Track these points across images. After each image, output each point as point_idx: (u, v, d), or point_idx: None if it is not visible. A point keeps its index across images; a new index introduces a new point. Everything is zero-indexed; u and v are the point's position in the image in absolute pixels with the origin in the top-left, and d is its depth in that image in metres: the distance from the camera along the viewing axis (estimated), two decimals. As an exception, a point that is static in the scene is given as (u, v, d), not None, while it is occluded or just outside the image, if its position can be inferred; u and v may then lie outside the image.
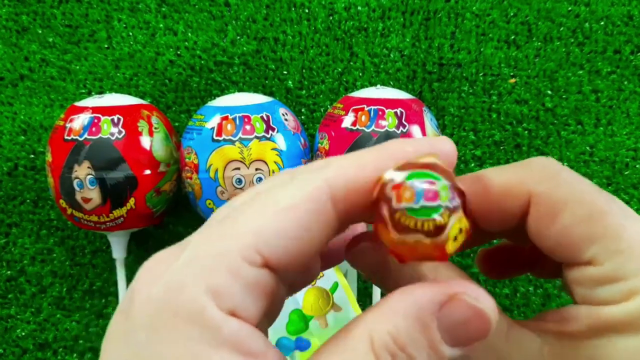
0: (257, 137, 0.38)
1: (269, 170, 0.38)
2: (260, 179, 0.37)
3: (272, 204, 0.16)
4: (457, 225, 0.15)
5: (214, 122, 0.38)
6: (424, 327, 0.16)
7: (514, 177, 0.18)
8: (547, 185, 0.18)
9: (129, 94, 0.44)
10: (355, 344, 0.16)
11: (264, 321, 0.17)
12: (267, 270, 0.16)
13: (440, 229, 0.15)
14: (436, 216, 0.15)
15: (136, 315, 0.15)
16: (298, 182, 0.17)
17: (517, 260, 0.23)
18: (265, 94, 0.43)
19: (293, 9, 0.47)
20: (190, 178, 0.39)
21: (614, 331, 0.17)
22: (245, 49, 0.46)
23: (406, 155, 0.17)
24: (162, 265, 0.16)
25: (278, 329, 0.38)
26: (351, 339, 0.16)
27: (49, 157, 0.39)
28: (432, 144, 0.18)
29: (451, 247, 0.15)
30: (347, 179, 0.17)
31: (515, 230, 0.19)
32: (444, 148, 0.17)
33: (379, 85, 0.43)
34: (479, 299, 0.16)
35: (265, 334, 0.17)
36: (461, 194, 0.15)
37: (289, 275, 0.17)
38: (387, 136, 0.37)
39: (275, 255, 0.16)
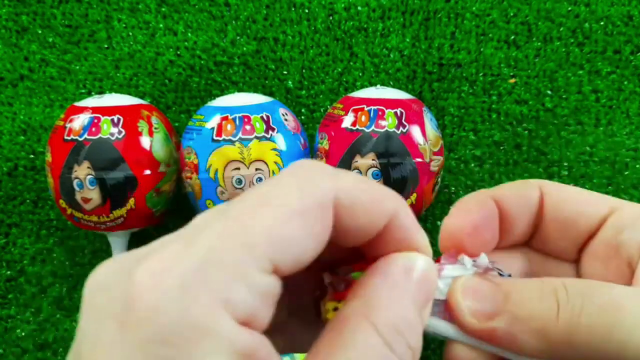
0: (257, 137, 0.38)
1: (269, 171, 0.38)
2: (260, 179, 0.37)
3: (283, 207, 0.16)
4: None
5: (213, 122, 0.38)
6: (419, 311, 0.17)
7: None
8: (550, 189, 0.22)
9: (129, 94, 0.44)
10: (363, 337, 0.16)
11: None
12: (275, 277, 0.16)
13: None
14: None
15: (141, 325, 0.14)
16: (307, 186, 0.16)
17: None
18: (265, 94, 0.43)
19: (293, 9, 0.47)
20: (190, 178, 0.39)
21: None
22: (245, 49, 0.46)
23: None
24: (165, 265, 0.15)
25: None
26: (352, 333, 0.16)
27: (48, 157, 0.39)
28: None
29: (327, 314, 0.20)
30: (353, 196, 0.16)
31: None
32: None
33: (378, 85, 0.43)
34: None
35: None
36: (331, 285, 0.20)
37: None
38: (387, 136, 0.37)
39: (285, 262, 0.16)
